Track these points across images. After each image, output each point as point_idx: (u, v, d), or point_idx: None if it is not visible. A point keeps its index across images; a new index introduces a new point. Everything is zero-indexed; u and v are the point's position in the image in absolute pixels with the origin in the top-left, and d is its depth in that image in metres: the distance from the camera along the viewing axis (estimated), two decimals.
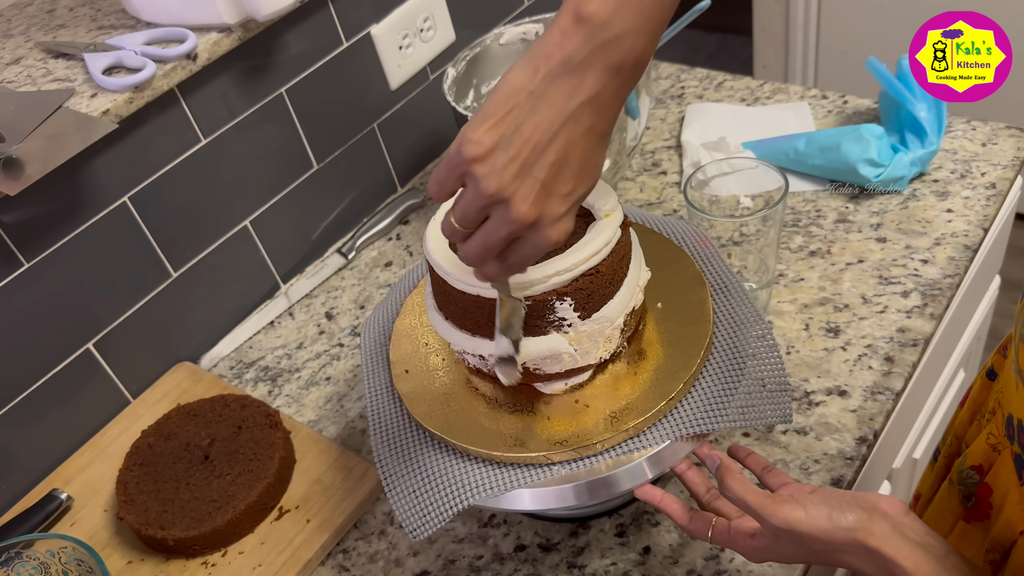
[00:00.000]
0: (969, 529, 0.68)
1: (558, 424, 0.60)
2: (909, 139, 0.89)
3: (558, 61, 0.45)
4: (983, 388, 0.74)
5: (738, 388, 0.60)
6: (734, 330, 0.64)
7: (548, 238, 0.48)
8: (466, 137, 0.46)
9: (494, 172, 0.45)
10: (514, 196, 0.46)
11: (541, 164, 0.46)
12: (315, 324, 0.94)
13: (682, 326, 0.64)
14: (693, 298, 0.66)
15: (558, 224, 0.48)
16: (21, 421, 0.78)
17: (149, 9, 0.83)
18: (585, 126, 0.46)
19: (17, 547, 0.63)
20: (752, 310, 0.65)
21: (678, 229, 0.73)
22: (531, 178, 0.46)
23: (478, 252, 0.49)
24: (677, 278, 0.68)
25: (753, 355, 0.62)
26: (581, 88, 0.45)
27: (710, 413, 0.59)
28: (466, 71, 0.92)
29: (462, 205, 0.48)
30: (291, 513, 0.74)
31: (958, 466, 0.70)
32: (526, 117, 0.45)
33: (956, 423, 0.77)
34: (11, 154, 0.68)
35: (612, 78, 0.46)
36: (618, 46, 0.45)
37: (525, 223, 0.46)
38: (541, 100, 0.45)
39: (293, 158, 0.94)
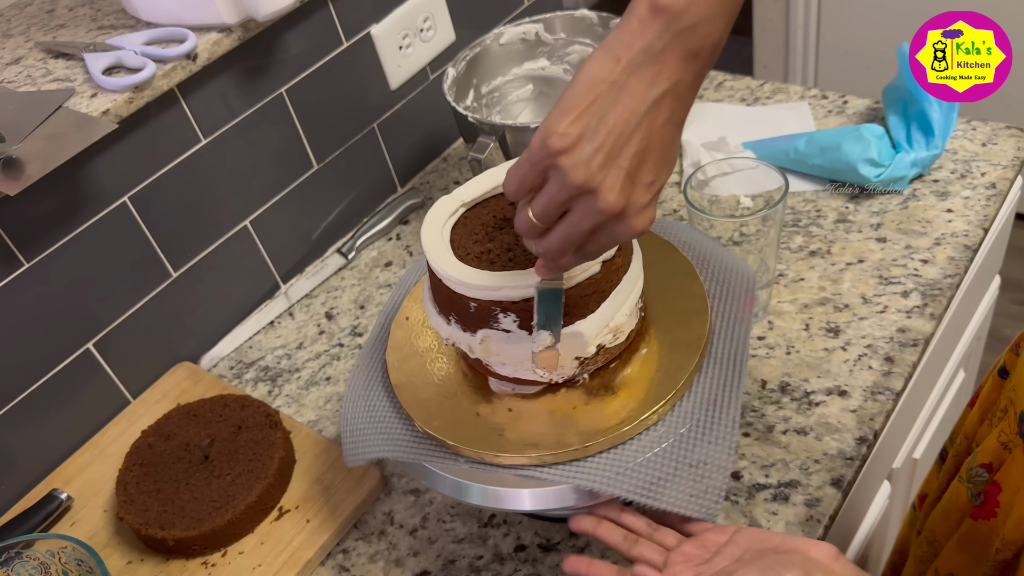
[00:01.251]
0: (975, 526, 0.68)
1: (583, 420, 0.60)
2: (915, 137, 0.89)
3: (638, 50, 0.45)
4: (995, 387, 0.74)
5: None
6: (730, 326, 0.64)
7: (633, 228, 0.48)
8: (550, 130, 0.45)
9: (581, 163, 0.45)
10: (601, 186, 0.46)
11: (626, 154, 0.46)
12: (315, 324, 0.94)
13: (679, 316, 0.65)
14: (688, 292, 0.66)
15: (643, 213, 0.48)
16: (21, 421, 0.78)
17: (149, 9, 0.83)
18: (666, 115, 0.46)
19: (17, 547, 0.63)
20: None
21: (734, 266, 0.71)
22: (617, 168, 0.46)
23: (560, 246, 0.49)
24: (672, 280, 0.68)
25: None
26: (662, 77, 0.45)
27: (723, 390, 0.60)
28: (466, 71, 0.92)
29: (545, 199, 0.47)
30: (291, 513, 0.74)
31: (968, 464, 0.70)
32: (610, 107, 0.45)
33: (966, 423, 0.77)
34: (11, 154, 0.68)
35: (691, 65, 0.46)
36: (695, 33, 0.45)
37: (612, 213, 0.46)
38: (624, 90, 0.45)
39: (293, 158, 0.94)
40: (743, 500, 0.68)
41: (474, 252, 0.60)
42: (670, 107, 0.46)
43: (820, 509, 0.66)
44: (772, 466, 0.69)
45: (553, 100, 0.97)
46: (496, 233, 0.61)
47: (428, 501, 0.74)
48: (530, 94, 0.98)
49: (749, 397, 0.75)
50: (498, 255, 0.59)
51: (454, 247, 0.61)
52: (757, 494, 0.68)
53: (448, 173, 1.09)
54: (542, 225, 0.48)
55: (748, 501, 0.68)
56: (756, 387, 0.75)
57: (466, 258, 0.59)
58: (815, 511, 0.66)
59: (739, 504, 0.68)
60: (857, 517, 0.85)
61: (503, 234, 0.61)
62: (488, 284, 0.57)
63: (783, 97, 1.06)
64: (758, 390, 0.75)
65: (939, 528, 0.75)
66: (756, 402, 0.74)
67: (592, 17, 0.92)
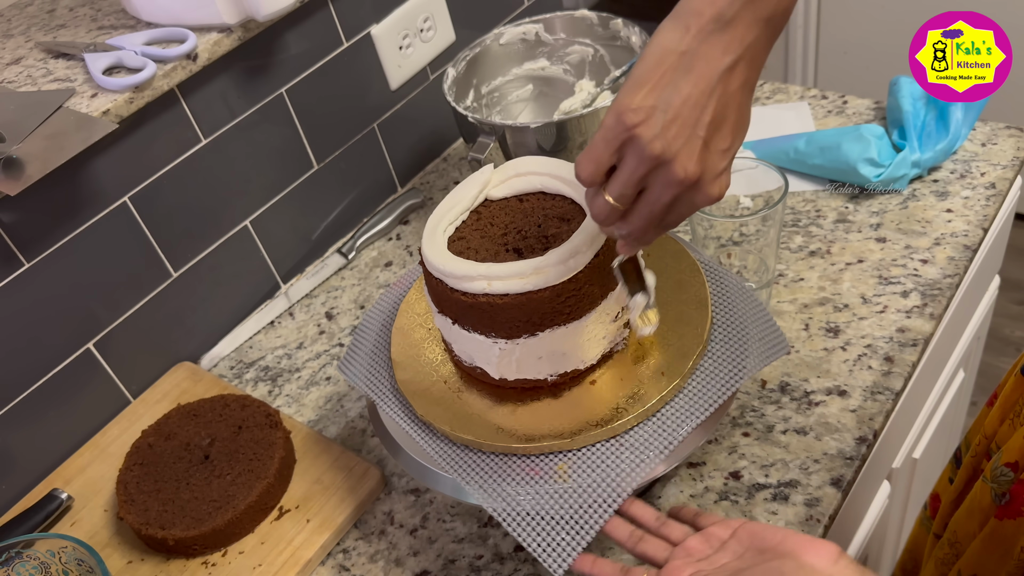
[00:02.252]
0: (1000, 526, 0.68)
1: (592, 409, 0.61)
2: (927, 134, 0.88)
3: (709, 18, 0.45)
4: (1016, 387, 0.74)
5: (747, 354, 0.62)
6: (728, 306, 0.66)
7: (710, 195, 0.48)
8: (624, 106, 0.45)
9: (657, 135, 0.45)
10: (678, 156, 0.46)
11: (702, 122, 0.46)
12: (315, 324, 0.94)
13: (681, 306, 0.65)
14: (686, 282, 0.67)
15: (719, 179, 0.48)
16: (21, 421, 0.78)
17: (149, 9, 0.83)
18: (740, 80, 0.46)
19: (17, 547, 0.63)
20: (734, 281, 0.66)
21: None
22: (694, 136, 0.46)
23: (644, 224, 0.49)
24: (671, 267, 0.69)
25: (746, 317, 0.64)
26: (735, 43, 0.45)
27: (725, 380, 0.61)
28: (466, 71, 0.92)
29: (623, 178, 0.47)
30: (291, 513, 0.74)
31: (992, 464, 0.70)
32: (682, 77, 0.45)
33: (985, 423, 0.77)
34: (11, 154, 0.68)
35: (763, 30, 0.46)
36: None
37: (690, 182, 0.46)
38: (696, 58, 0.45)
39: (293, 158, 0.94)
40: (743, 500, 0.68)
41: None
42: (743, 73, 0.46)
43: (820, 509, 0.66)
44: (772, 466, 0.70)
45: (553, 100, 0.97)
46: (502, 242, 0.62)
47: (428, 501, 0.74)
48: (530, 94, 0.98)
49: (749, 397, 0.75)
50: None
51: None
52: (757, 494, 0.68)
53: (448, 173, 1.09)
54: (621, 207, 0.48)
55: (748, 501, 0.68)
56: (756, 387, 0.75)
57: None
58: (815, 511, 0.66)
59: (739, 504, 0.68)
60: (857, 517, 0.85)
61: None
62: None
63: (783, 97, 1.06)
64: (758, 390, 0.75)
65: (962, 529, 0.75)
66: (756, 402, 0.74)
67: (592, 17, 0.92)
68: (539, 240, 0.61)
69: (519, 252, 0.61)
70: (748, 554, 0.51)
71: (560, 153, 0.83)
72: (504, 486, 0.59)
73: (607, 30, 0.92)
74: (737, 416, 0.73)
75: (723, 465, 0.70)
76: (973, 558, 0.73)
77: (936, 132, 0.89)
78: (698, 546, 0.54)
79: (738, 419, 0.73)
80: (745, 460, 0.70)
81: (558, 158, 0.68)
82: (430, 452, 0.62)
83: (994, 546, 0.69)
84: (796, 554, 0.49)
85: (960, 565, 0.75)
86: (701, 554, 0.53)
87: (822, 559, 0.48)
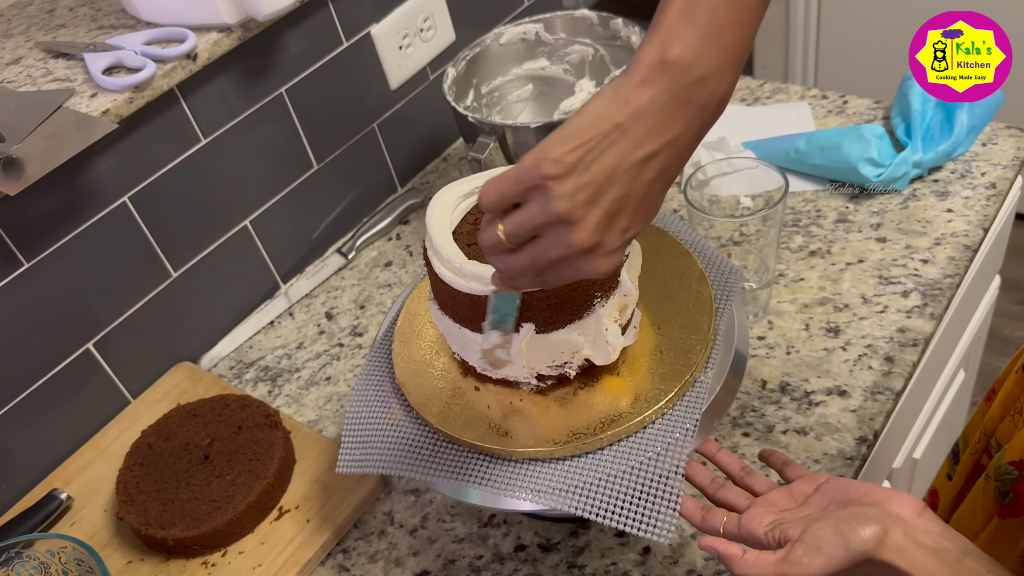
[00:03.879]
0: (1004, 525, 0.68)
1: (591, 411, 0.61)
2: (930, 136, 0.88)
3: (646, 99, 0.45)
4: (1017, 383, 0.73)
5: None
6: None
7: (598, 268, 0.48)
8: (546, 154, 0.46)
9: (567, 193, 0.45)
10: (580, 221, 0.46)
11: (611, 196, 0.46)
12: (315, 324, 0.94)
13: (680, 306, 0.65)
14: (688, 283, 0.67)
15: (611, 256, 0.48)
16: (21, 421, 0.78)
17: (149, 9, 0.83)
18: (658, 168, 0.47)
19: (17, 547, 0.63)
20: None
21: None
22: (598, 207, 0.46)
23: (521, 268, 0.49)
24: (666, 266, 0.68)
25: None
26: (663, 129, 0.46)
27: None
28: (466, 71, 0.92)
29: (519, 220, 0.47)
30: (291, 513, 0.74)
31: (995, 462, 0.70)
32: (608, 148, 0.45)
33: (985, 419, 0.77)
34: (11, 154, 0.68)
35: (695, 118, 0.46)
36: (703, 87, 0.46)
37: (583, 249, 0.47)
38: (625, 134, 0.45)
39: (293, 158, 0.94)
40: None
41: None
42: (664, 161, 0.46)
43: None
44: None
45: (553, 100, 0.97)
46: None
47: (428, 501, 0.74)
48: (530, 94, 0.98)
49: (749, 397, 0.75)
50: None
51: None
52: None
53: (448, 173, 1.09)
54: (509, 245, 0.48)
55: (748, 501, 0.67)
56: (756, 387, 0.75)
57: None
58: None
59: None
60: None
61: None
62: None
63: (783, 97, 1.06)
64: (758, 390, 0.75)
65: (964, 528, 0.75)
66: (756, 402, 0.74)
67: (592, 17, 0.92)
68: None
69: None
70: (831, 506, 0.51)
71: None
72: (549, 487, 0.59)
73: (607, 30, 0.92)
74: (737, 416, 0.73)
75: None
76: None
77: (940, 134, 0.89)
78: (781, 499, 0.54)
79: (738, 419, 0.73)
80: (745, 460, 0.70)
81: None
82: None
83: (997, 545, 0.69)
84: (881, 504, 0.49)
85: None
86: (784, 506, 0.54)
87: (907, 509, 0.49)
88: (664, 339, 0.64)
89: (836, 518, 0.49)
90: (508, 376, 0.63)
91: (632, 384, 0.61)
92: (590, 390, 0.62)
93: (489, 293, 0.56)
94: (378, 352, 0.71)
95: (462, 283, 0.58)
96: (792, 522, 0.50)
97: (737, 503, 0.56)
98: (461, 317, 0.61)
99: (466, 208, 0.64)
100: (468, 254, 0.60)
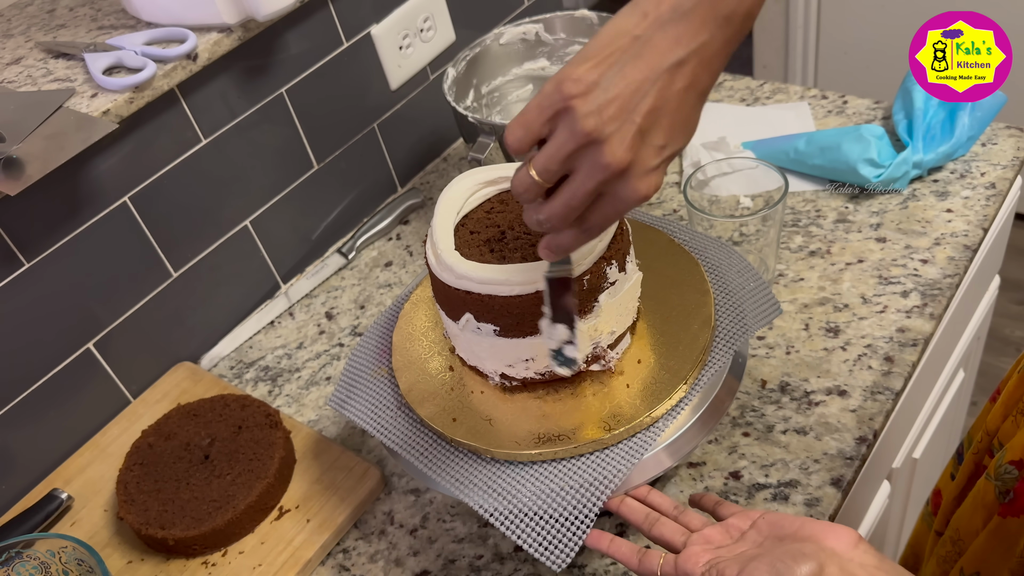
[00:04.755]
0: (1004, 524, 0.68)
1: (589, 413, 0.61)
2: (931, 136, 0.88)
3: (668, 7, 0.44)
4: (1020, 384, 0.74)
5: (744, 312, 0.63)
6: (729, 298, 0.66)
7: (637, 191, 0.46)
8: (565, 75, 0.44)
9: (593, 110, 0.44)
10: (610, 138, 0.44)
11: (640, 109, 0.44)
12: (315, 324, 0.94)
13: (680, 306, 0.65)
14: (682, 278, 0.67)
15: (649, 176, 0.46)
16: (21, 421, 0.78)
17: (149, 9, 0.83)
18: (688, 78, 0.45)
19: (17, 547, 0.63)
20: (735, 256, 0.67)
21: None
22: (629, 122, 0.44)
23: (561, 211, 0.47)
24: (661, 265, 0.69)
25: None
26: (687, 37, 0.44)
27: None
28: (466, 71, 0.92)
29: (550, 149, 0.45)
30: (291, 513, 0.74)
31: (996, 462, 0.70)
32: (630, 60, 0.44)
33: (988, 419, 0.77)
34: (11, 154, 0.68)
35: (720, 29, 0.45)
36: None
37: (619, 168, 0.45)
38: (647, 45, 0.44)
39: (293, 158, 0.94)
40: (743, 500, 0.68)
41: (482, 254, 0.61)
42: (693, 71, 0.45)
43: (820, 509, 0.66)
44: (772, 466, 0.70)
45: None
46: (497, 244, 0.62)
47: (428, 501, 0.74)
48: (530, 94, 0.98)
49: (749, 397, 0.75)
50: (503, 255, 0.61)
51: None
52: (757, 494, 0.68)
53: (448, 173, 1.09)
54: (543, 183, 0.46)
55: (748, 501, 0.68)
56: (756, 387, 0.75)
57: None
58: (815, 511, 0.66)
59: (739, 504, 0.68)
60: (857, 517, 0.85)
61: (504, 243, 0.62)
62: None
63: (783, 97, 1.06)
64: (758, 390, 0.75)
65: (965, 527, 0.75)
66: (756, 402, 0.74)
67: (592, 17, 0.92)
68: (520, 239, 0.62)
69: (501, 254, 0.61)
70: (767, 542, 0.51)
71: None
72: (498, 487, 0.59)
73: None
74: (737, 416, 0.74)
75: (723, 465, 0.70)
76: (976, 555, 0.73)
77: (941, 135, 0.89)
78: (717, 535, 0.53)
79: (738, 419, 0.73)
80: (745, 460, 0.70)
81: None
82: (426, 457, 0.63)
83: (997, 543, 0.69)
84: (816, 538, 0.48)
85: (963, 563, 0.75)
86: (720, 543, 0.53)
87: (842, 543, 0.48)
88: (663, 359, 0.63)
89: (772, 557, 0.47)
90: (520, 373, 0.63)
91: (613, 402, 0.61)
92: (576, 397, 0.63)
93: (543, 282, 0.54)
94: (391, 312, 0.73)
95: (443, 274, 0.59)
96: (728, 561, 0.49)
97: (673, 539, 0.55)
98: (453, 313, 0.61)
99: (483, 196, 0.64)
100: (472, 242, 0.61)
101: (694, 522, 0.56)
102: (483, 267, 0.58)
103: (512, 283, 0.56)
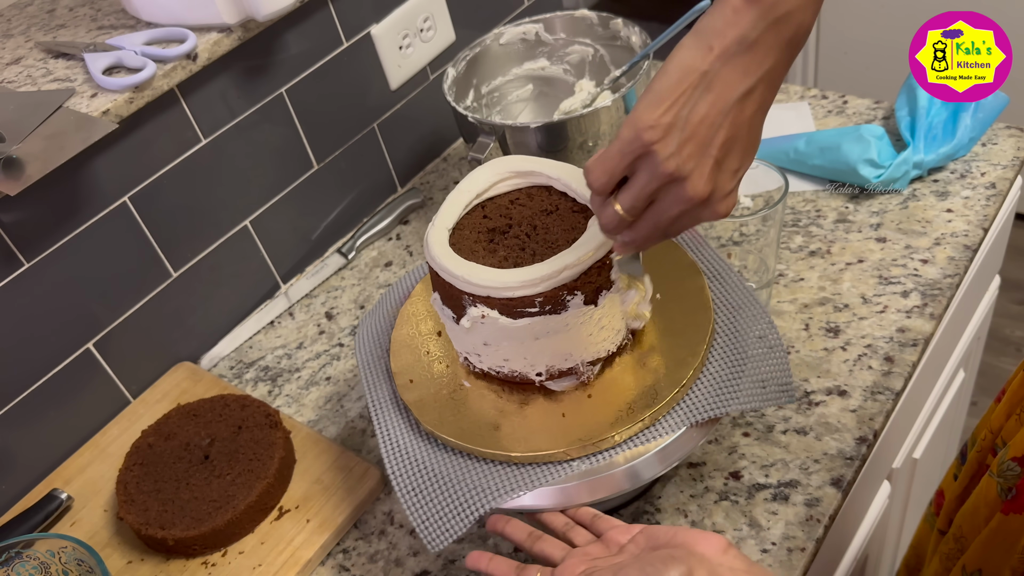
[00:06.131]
0: (1006, 521, 0.68)
1: (573, 420, 0.61)
2: (932, 136, 0.88)
3: (732, 40, 0.45)
4: (1023, 383, 0.74)
5: (744, 371, 0.62)
6: (733, 314, 0.65)
7: (718, 212, 0.49)
8: (642, 122, 0.46)
9: (672, 153, 0.46)
10: (692, 174, 0.47)
11: (716, 143, 0.47)
12: (315, 324, 0.94)
13: (683, 314, 0.65)
14: (690, 286, 0.67)
15: (727, 198, 0.49)
16: (21, 421, 0.78)
17: (149, 9, 0.83)
18: (756, 104, 0.47)
19: (17, 547, 0.63)
20: (750, 298, 0.66)
21: None
22: (707, 156, 0.47)
23: (648, 234, 0.51)
24: (671, 268, 0.68)
25: (757, 339, 0.64)
26: (755, 66, 0.46)
27: (721, 397, 0.60)
28: (466, 71, 0.92)
29: (634, 192, 0.49)
30: (291, 513, 0.74)
31: (999, 459, 0.70)
32: (701, 97, 0.46)
33: (992, 418, 0.77)
34: (11, 154, 0.68)
35: (784, 53, 0.47)
36: (790, 21, 0.46)
37: (700, 200, 0.48)
38: (716, 79, 0.46)
39: (293, 158, 0.94)
40: (743, 500, 0.68)
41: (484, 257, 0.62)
42: (760, 96, 0.47)
43: (820, 509, 0.66)
44: (772, 466, 0.70)
45: (553, 100, 0.97)
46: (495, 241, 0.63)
47: None
48: (530, 94, 0.98)
49: None
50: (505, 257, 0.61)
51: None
52: (757, 494, 0.68)
53: (448, 173, 1.10)
54: (630, 219, 0.50)
55: (748, 501, 0.68)
56: None
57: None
58: (815, 511, 0.66)
59: (739, 504, 0.68)
60: (857, 517, 0.85)
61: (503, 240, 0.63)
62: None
63: (783, 97, 1.06)
64: None
65: (967, 524, 0.76)
66: None
67: (592, 17, 0.92)
68: (523, 237, 0.62)
69: (500, 248, 0.62)
70: (643, 553, 0.52)
71: (560, 153, 0.83)
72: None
73: (607, 30, 0.92)
74: (737, 416, 0.73)
75: (723, 465, 0.70)
76: (978, 553, 0.73)
77: (943, 135, 0.88)
78: (596, 549, 0.55)
79: (738, 419, 0.73)
80: (745, 460, 0.70)
81: (558, 158, 0.68)
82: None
83: (999, 540, 0.70)
84: (688, 545, 0.50)
85: (965, 560, 0.75)
86: (598, 556, 0.54)
87: (711, 548, 0.50)
88: (659, 375, 0.63)
89: (642, 562, 0.49)
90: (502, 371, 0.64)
91: (599, 414, 0.61)
92: (566, 399, 0.63)
93: (615, 261, 0.59)
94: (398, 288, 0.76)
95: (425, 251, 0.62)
96: (603, 570, 0.50)
97: (552, 554, 0.56)
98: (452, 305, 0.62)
99: (514, 185, 0.66)
100: (479, 226, 0.63)
101: (578, 539, 0.57)
102: (456, 259, 0.60)
103: (470, 281, 0.59)
